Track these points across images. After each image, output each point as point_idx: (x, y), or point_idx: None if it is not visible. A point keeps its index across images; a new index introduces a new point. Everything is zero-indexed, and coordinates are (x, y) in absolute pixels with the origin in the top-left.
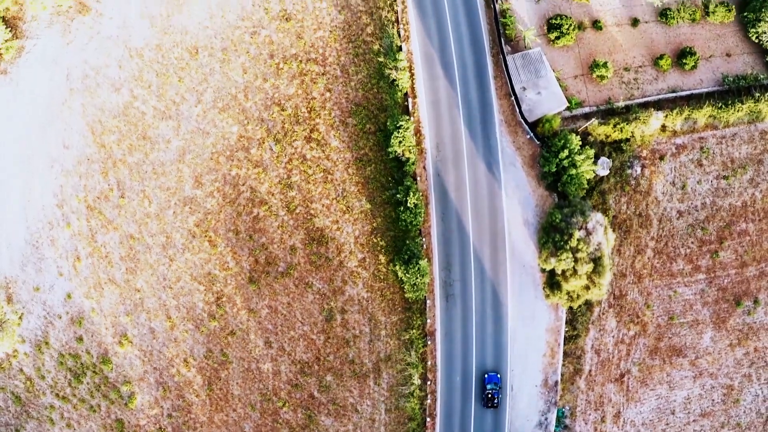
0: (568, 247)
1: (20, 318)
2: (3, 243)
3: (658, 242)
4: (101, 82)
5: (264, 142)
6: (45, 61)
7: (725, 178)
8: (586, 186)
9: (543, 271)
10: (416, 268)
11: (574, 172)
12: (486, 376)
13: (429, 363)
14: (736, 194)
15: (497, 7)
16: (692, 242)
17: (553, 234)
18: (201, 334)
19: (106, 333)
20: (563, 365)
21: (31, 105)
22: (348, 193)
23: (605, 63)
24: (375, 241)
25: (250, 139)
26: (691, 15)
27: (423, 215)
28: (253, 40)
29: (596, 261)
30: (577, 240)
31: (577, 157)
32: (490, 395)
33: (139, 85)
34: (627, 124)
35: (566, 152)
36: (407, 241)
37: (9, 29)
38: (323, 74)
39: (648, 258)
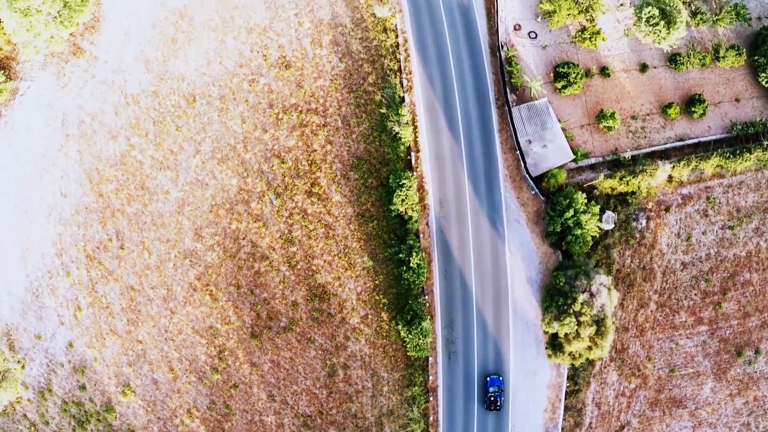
0: (571, 311)
1: (22, 366)
2: (3, 290)
3: (661, 295)
4: (97, 128)
5: (264, 196)
6: (40, 104)
7: (731, 228)
8: (591, 243)
9: (546, 332)
10: (418, 329)
11: (579, 232)
12: (488, 379)
13: (431, 418)
14: (741, 244)
15: (503, 54)
16: (695, 294)
17: (556, 298)
18: (204, 386)
19: (108, 382)
20: (563, 419)
21: (27, 150)
22: (350, 249)
23: (612, 114)
24: (377, 298)
25: (250, 192)
26: (701, 60)
27: (426, 274)
28: (251, 89)
29: (599, 323)
30: (581, 304)
31: (583, 217)
32: (492, 398)
33: (136, 133)
34: (633, 177)
35: (571, 211)
36: (409, 301)
37: (2, 70)
38: (324, 126)
39: (651, 311)
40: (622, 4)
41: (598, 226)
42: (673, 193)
